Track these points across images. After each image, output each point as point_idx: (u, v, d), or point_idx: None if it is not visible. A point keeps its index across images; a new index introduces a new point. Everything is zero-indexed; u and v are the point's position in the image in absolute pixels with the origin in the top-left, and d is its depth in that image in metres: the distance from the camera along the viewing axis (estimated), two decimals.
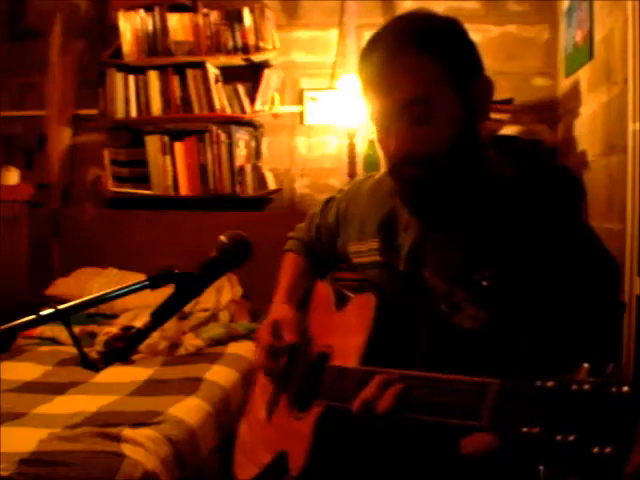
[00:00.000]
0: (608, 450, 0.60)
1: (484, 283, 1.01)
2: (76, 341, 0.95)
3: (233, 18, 3.43)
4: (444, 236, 1.11)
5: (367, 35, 1.12)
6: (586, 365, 0.66)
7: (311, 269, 1.47)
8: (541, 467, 0.65)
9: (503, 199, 1.06)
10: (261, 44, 3.42)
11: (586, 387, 0.64)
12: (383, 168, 1.19)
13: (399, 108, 1.03)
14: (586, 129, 2.81)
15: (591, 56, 2.64)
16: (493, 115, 3.05)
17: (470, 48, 1.09)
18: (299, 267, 1.47)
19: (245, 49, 3.43)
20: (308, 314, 1.41)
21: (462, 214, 1.09)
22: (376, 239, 1.21)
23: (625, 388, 0.61)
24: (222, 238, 1.08)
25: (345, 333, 1.20)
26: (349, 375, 1.07)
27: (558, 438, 0.64)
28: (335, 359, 1.19)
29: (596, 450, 0.61)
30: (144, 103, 3.51)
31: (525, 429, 0.68)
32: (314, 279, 1.44)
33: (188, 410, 2.16)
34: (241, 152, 3.49)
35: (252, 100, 3.50)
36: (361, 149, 3.33)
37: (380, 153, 1.13)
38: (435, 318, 1.08)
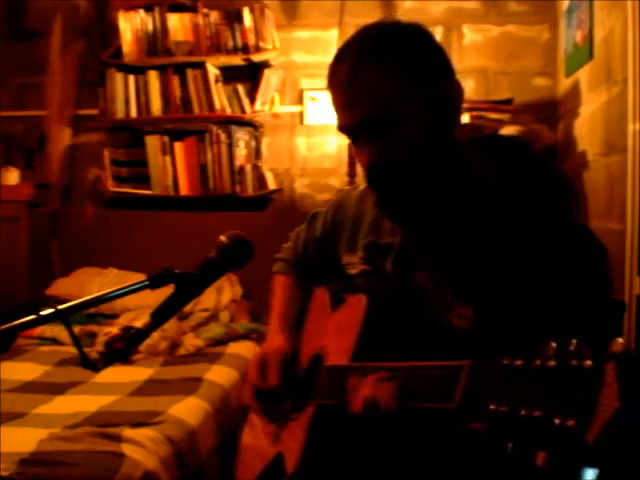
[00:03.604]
0: (570, 422, 0.62)
1: (472, 281, 1.02)
2: (76, 341, 0.95)
3: (233, 18, 3.43)
4: (430, 237, 1.11)
5: None
6: (553, 343, 0.67)
7: (301, 286, 1.47)
8: (509, 444, 0.67)
9: (485, 197, 1.07)
10: (261, 44, 3.42)
11: (551, 363, 0.66)
12: None
13: (365, 122, 1.04)
14: (586, 129, 2.81)
15: (591, 56, 2.64)
16: (493, 115, 3.05)
17: (436, 54, 1.08)
18: (289, 289, 1.49)
19: (245, 49, 3.43)
20: (306, 321, 1.41)
21: (444, 215, 1.09)
22: (364, 248, 1.22)
23: (587, 362, 0.63)
24: (222, 238, 1.07)
25: (337, 334, 1.20)
26: (338, 373, 1.07)
27: (523, 413, 0.66)
28: (328, 359, 1.20)
29: (558, 422, 0.62)
30: (144, 103, 3.51)
31: (493, 407, 0.69)
32: (307, 293, 1.44)
33: (188, 410, 2.16)
34: (241, 152, 3.49)
35: (252, 100, 3.50)
36: None
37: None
38: (425, 317, 1.08)
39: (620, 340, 0.63)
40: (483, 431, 0.71)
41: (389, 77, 1.02)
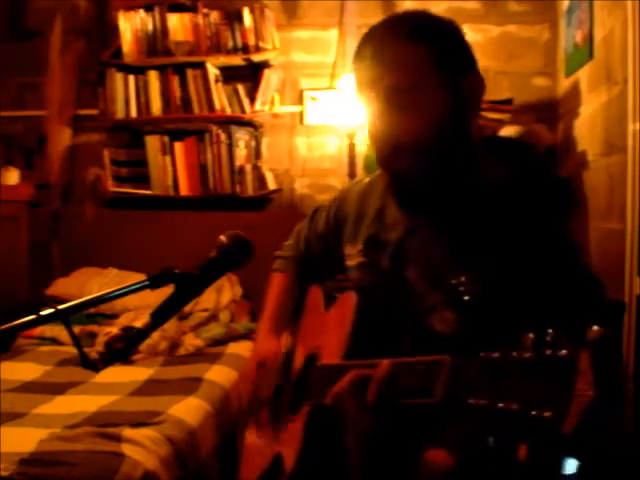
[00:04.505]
0: (547, 414, 0.61)
1: (460, 288, 1.02)
2: (76, 341, 0.95)
3: (233, 18, 3.43)
4: (430, 235, 1.11)
5: None
6: (531, 335, 0.66)
7: (299, 285, 1.47)
8: (490, 439, 0.66)
9: (491, 202, 1.06)
10: (261, 44, 3.42)
11: (527, 355, 0.66)
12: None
13: (388, 94, 1.05)
14: (586, 129, 2.81)
15: (591, 56, 2.64)
16: (493, 115, 3.05)
17: (463, 45, 1.11)
18: (285, 288, 1.48)
19: (245, 49, 3.43)
20: (301, 319, 1.41)
21: (449, 212, 1.09)
22: (364, 241, 1.22)
23: (563, 352, 0.63)
24: (222, 238, 1.07)
25: (330, 332, 1.21)
26: (329, 372, 1.08)
27: (501, 407, 0.65)
28: (322, 359, 1.20)
29: (535, 414, 0.62)
30: (144, 103, 3.51)
31: (472, 401, 0.69)
32: (305, 291, 1.44)
33: (188, 410, 2.16)
34: (241, 152, 3.49)
35: (252, 100, 3.50)
36: (361, 149, 3.33)
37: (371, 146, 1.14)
38: (412, 317, 1.08)
39: (596, 327, 0.62)
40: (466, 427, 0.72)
41: (419, 53, 1.04)
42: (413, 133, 1.04)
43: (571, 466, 0.61)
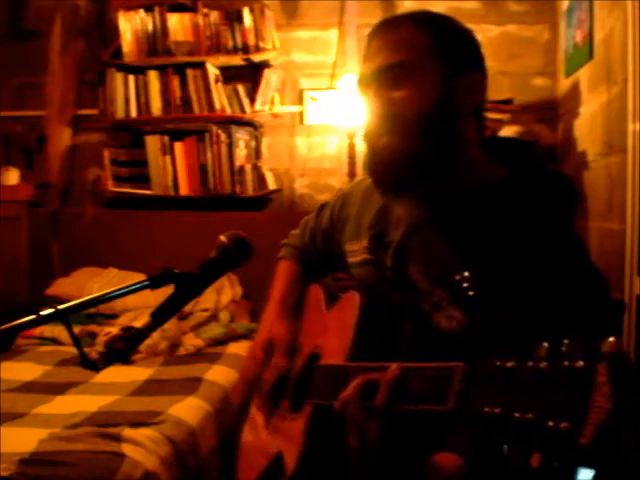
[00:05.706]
0: (564, 425, 0.61)
1: (465, 285, 1.01)
2: (76, 341, 0.95)
3: (233, 18, 3.43)
4: (432, 234, 1.11)
5: None
6: (545, 344, 0.66)
7: (304, 275, 1.46)
8: (505, 447, 0.66)
9: (493, 200, 1.06)
10: (261, 44, 3.42)
11: (543, 365, 0.65)
12: None
13: (379, 71, 1.05)
14: (586, 129, 2.81)
15: (591, 56, 2.64)
16: (493, 115, 3.05)
17: (470, 43, 1.09)
18: (292, 275, 1.47)
19: (245, 49, 3.43)
20: (302, 317, 1.41)
21: (451, 211, 1.08)
22: (367, 237, 1.22)
23: (579, 363, 0.62)
24: (222, 238, 1.07)
25: (332, 332, 1.20)
26: (333, 373, 1.07)
27: (516, 416, 0.65)
28: (324, 358, 1.20)
29: (551, 424, 0.62)
30: (144, 103, 3.51)
31: (487, 409, 0.69)
32: (308, 284, 1.44)
33: (188, 410, 2.16)
34: (241, 152, 3.49)
35: (252, 100, 3.50)
36: (361, 149, 3.33)
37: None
38: (417, 316, 1.08)
39: (612, 339, 0.62)
40: (479, 434, 0.71)
41: (420, 36, 1.04)
42: (395, 110, 1.03)
43: (586, 476, 0.61)
